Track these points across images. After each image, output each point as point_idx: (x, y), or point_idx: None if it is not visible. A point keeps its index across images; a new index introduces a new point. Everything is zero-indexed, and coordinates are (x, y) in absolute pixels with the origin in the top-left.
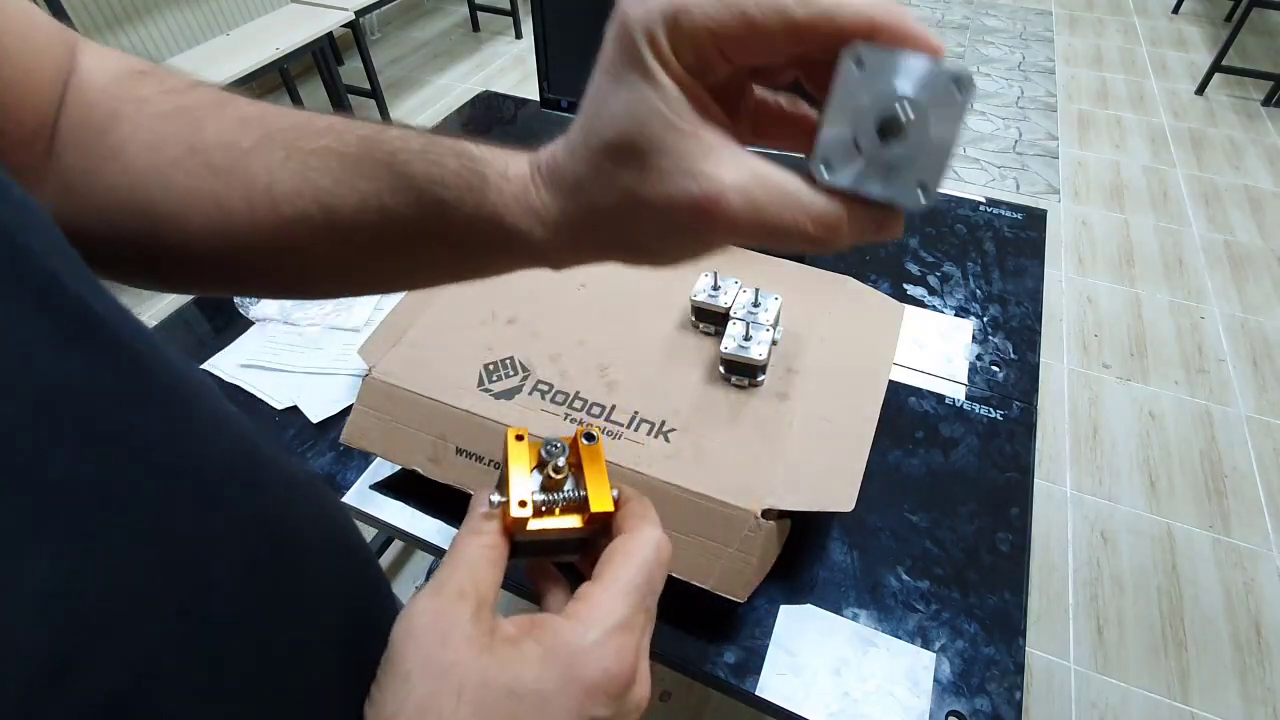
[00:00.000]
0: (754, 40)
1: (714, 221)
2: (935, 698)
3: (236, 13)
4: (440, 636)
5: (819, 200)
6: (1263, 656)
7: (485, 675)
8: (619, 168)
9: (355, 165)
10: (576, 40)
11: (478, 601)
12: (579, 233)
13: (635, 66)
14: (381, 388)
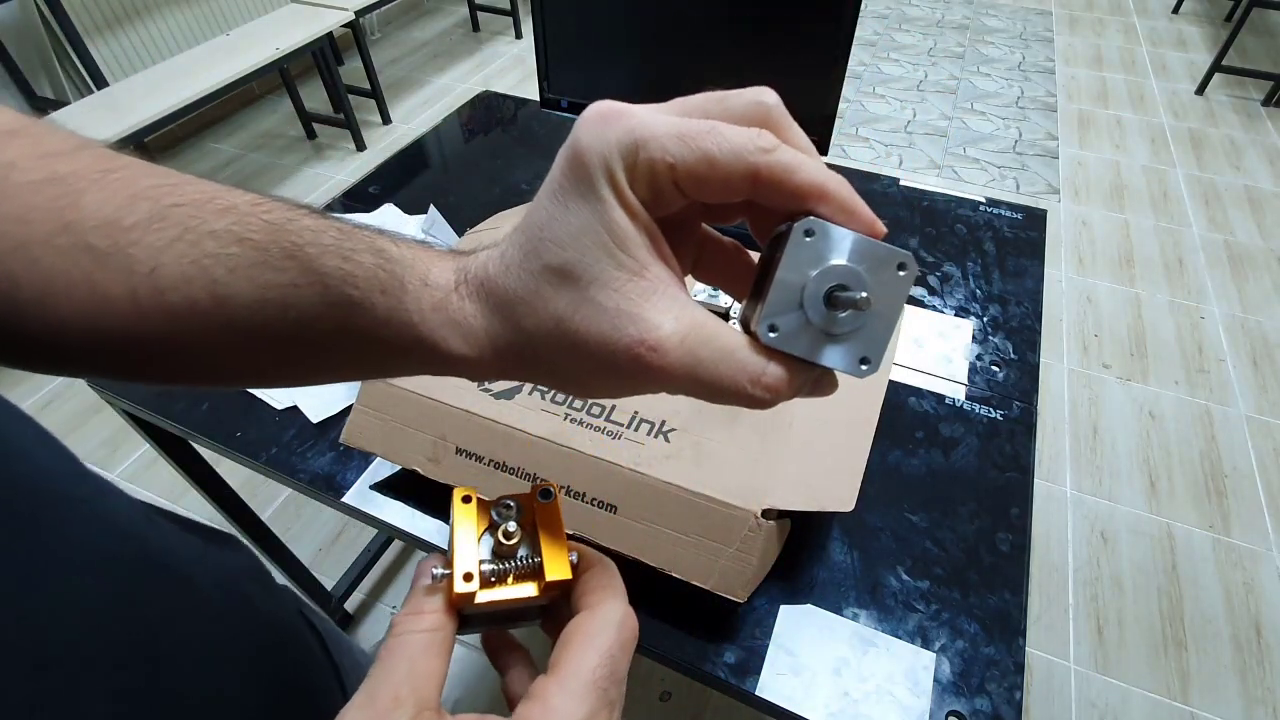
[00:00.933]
0: (712, 181)
1: (648, 370)
2: (935, 698)
3: (236, 13)
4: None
5: (759, 361)
6: (1263, 656)
7: None
8: (556, 293)
9: (257, 253)
10: (576, 40)
11: (416, 707)
12: (502, 353)
13: (588, 195)
14: (381, 388)
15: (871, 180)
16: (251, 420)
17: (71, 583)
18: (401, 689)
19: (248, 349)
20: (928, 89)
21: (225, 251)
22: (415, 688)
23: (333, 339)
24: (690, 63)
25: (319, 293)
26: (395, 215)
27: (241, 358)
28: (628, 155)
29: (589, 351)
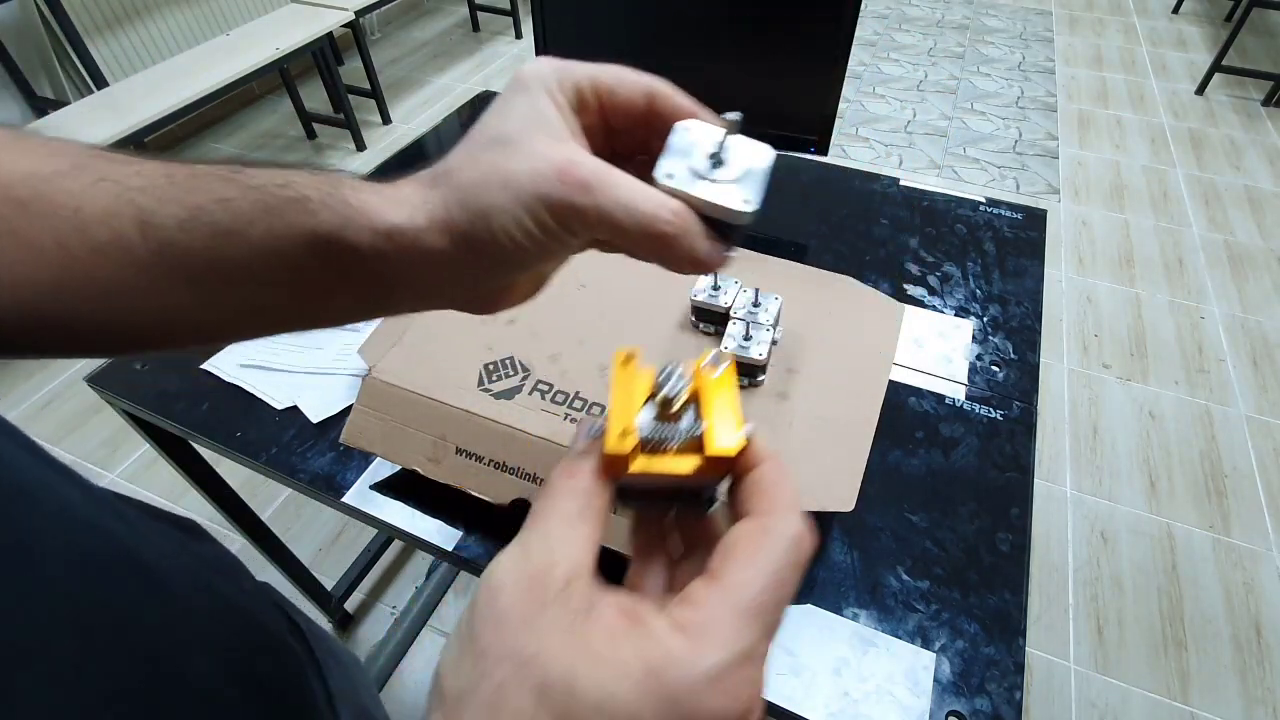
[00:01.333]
0: (619, 92)
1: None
2: (935, 698)
3: (236, 13)
4: (524, 616)
5: (664, 196)
6: (1263, 656)
7: (573, 680)
8: (494, 151)
9: (185, 181)
10: (576, 40)
11: (570, 571)
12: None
13: (525, 94)
14: (381, 388)
15: (871, 180)
16: (251, 420)
17: (36, 574)
18: (556, 547)
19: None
20: (928, 89)
21: (152, 185)
22: (569, 552)
23: (266, 244)
24: (690, 63)
25: (252, 200)
26: None
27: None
28: (558, 73)
29: (520, 185)
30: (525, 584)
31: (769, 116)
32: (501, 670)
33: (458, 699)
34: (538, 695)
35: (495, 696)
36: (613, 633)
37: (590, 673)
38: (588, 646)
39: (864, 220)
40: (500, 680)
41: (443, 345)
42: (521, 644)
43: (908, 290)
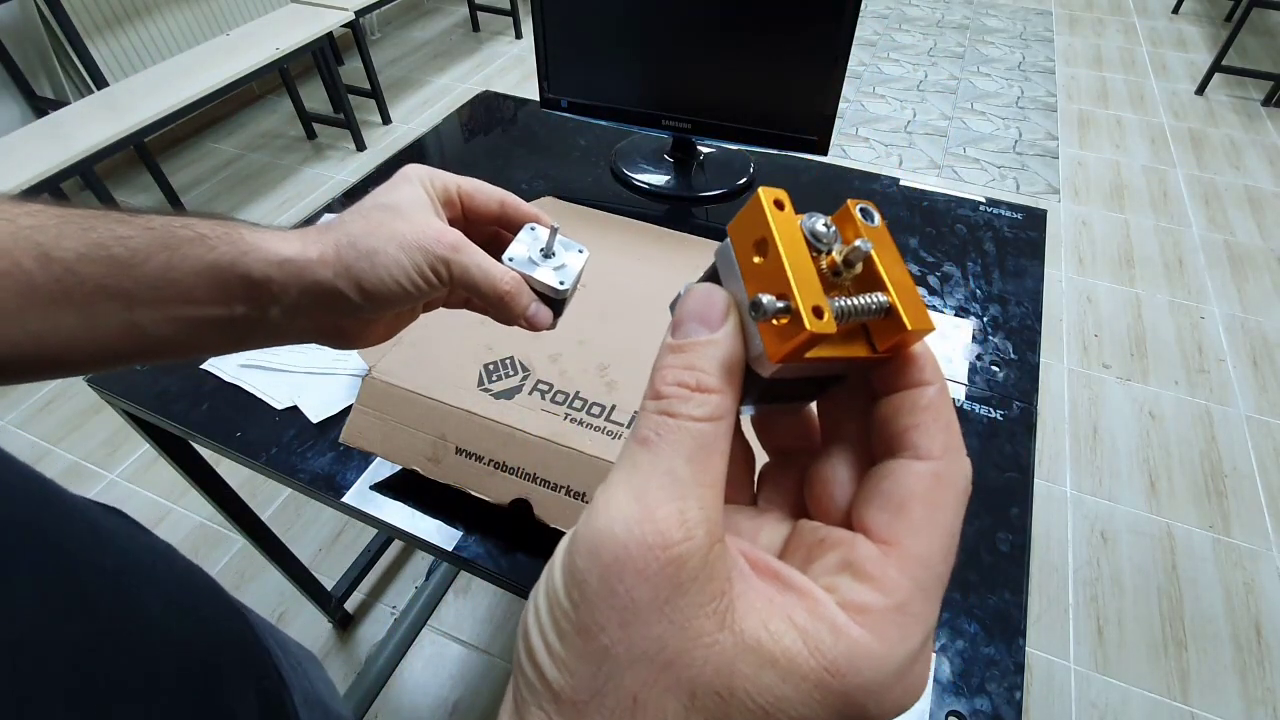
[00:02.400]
0: (478, 198)
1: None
2: (935, 698)
3: (236, 13)
4: (656, 603)
5: (507, 270)
6: (1263, 656)
7: (731, 682)
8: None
9: (80, 220)
10: (576, 40)
11: (710, 536)
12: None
13: (406, 182)
14: (381, 387)
15: (871, 180)
16: (251, 420)
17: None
18: (690, 508)
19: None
20: (928, 89)
21: (45, 224)
22: (707, 507)
23: (161, 275)
24: (690, 62)
25: (150, 238)
26: None
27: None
28: (432, 176)
29: (405, 238)
30: (656, 560)
31: (769, 116)
32: (636, 675)
33: (577, 707)
34: (687, 702)
35: (632, 705)
36: (766, 611)
37: (753, 673)
38: (743, 636)
39: None
40: (636, 687)
41: (443, 345)
42: (659, 640)
43: None
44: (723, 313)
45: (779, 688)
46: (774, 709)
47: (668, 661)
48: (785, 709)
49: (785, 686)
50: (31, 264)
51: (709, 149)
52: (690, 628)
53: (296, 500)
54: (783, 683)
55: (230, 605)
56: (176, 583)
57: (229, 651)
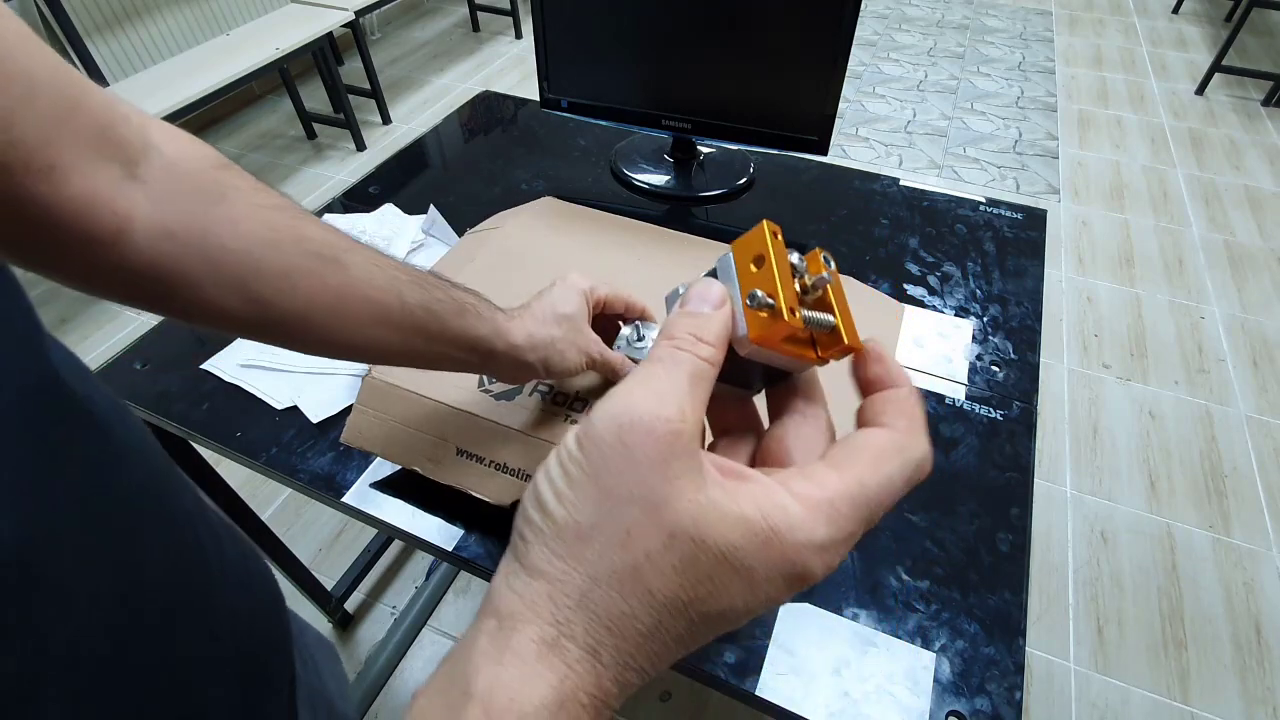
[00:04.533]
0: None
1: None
2: (935, 698)
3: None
4: (654, 461)
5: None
6: (1263, 656)
7: (701, 529)
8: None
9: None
10: (576, 40)
11: (695, 432)
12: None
13: (574, 290)
14: (381, 388)
15: (871, 180)
16: (251, 420)
17: None
18: (688, 407)
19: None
20: (928, 89)
21: (404, 277)
22: (694, 411)
23: (453, 332)
24: (690, 62)
25: (451, 305)
26: (395, 215)
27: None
28: (592, 287)
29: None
30: (661, 429)
31: (769, 116)
32: (630, 511)
33: (579, 534)
34: (666, 539)
35: (625, 537)
36: (730, 488)
37: (716, 524)
38: (712, 499)
39: (864, 220)
40: (630, 521)
41: None
42: (652, 487)
43: (908, 290)
44: (721, 299)
45: (736, 539)
46: (730, 554)
47: (656, 505)
48: (739, 556)
49: (741, 539)
50: (394, 303)
51: (709, 149)
52: (677, 484)
53: (296, 500)
54: (739, 536)
55: (281, 602)
56: (242, 562)
57: (271, 647)
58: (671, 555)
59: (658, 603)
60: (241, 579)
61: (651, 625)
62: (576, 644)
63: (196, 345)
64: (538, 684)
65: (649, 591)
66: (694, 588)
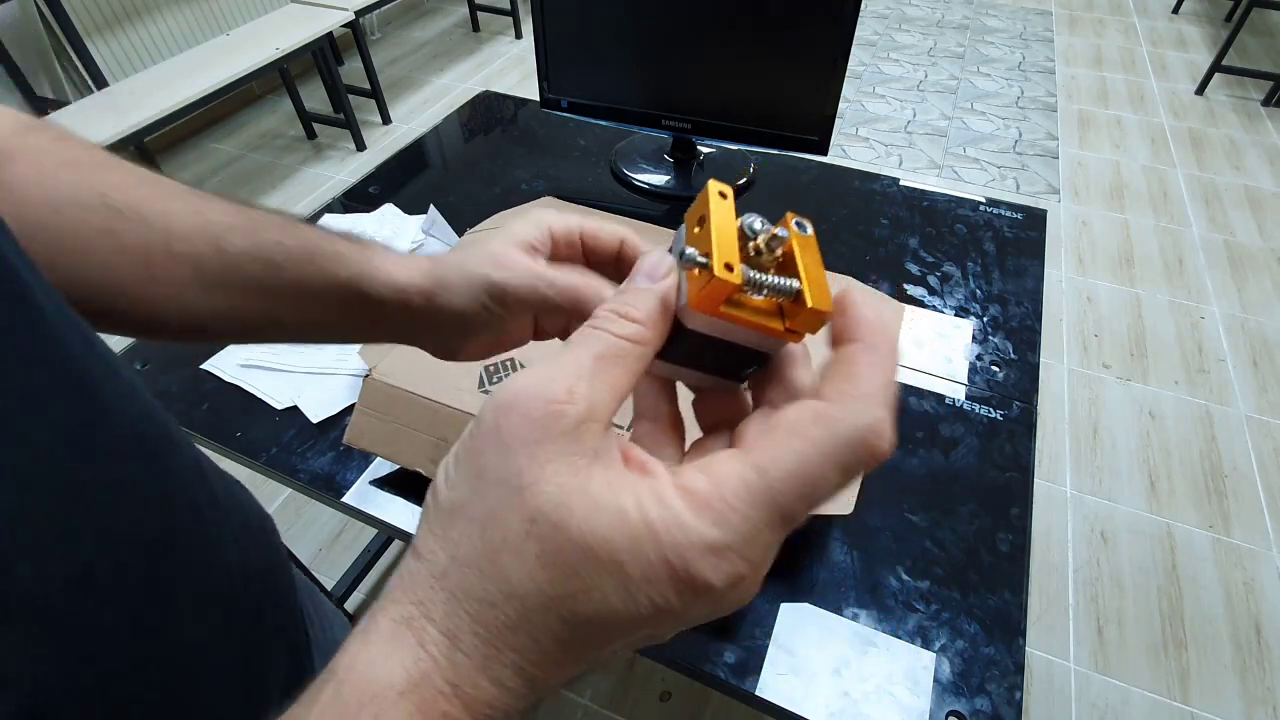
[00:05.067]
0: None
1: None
2: (935, 698)
3: (236, 13)
4: (527, 442)
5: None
6: (1263, 656)
7: (566, 516)
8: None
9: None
10: (576, 40)
11: (587, 414)
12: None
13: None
14: (382, 389)
15: (871, 180)
16: (251, 420)
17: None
18: (579, 387)
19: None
20: (928, 89)
21: (228, 220)
22: (593, 394)
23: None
24: (690, 62)
25: (298, 248)
26: (395, 215)
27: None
28: (556, 213)
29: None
30: (538, 410)
31: (769, 116)
32: (496, 493)
33: (449, 513)
34: (528, 525)
35: (486, 519)
36: (617, 480)
37: (585, 513)
38: (587, 487)
39: (864, 220)
40: (494, 503)
41: None
42: (520, 469)
43: (908, 290)
44: (666, 271)
45: (605, 530)
46: (598, 548)
47: (522, 487)
48: (607, 550)
49: (609, 531)
50: (208, 251)
51: (709, 149)
52: (548, 467)
53: (296, 500)
54: (608, 528)
55: (282, 559)
56: (244, 524)
57: (272, 601)
58: (533, 543)
59: (518, 593)
60: (231, 520)
61: (516, 617)
62: (435, 626)
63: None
64: (392, 663)
65: (507, 578)
66: (561, 582)
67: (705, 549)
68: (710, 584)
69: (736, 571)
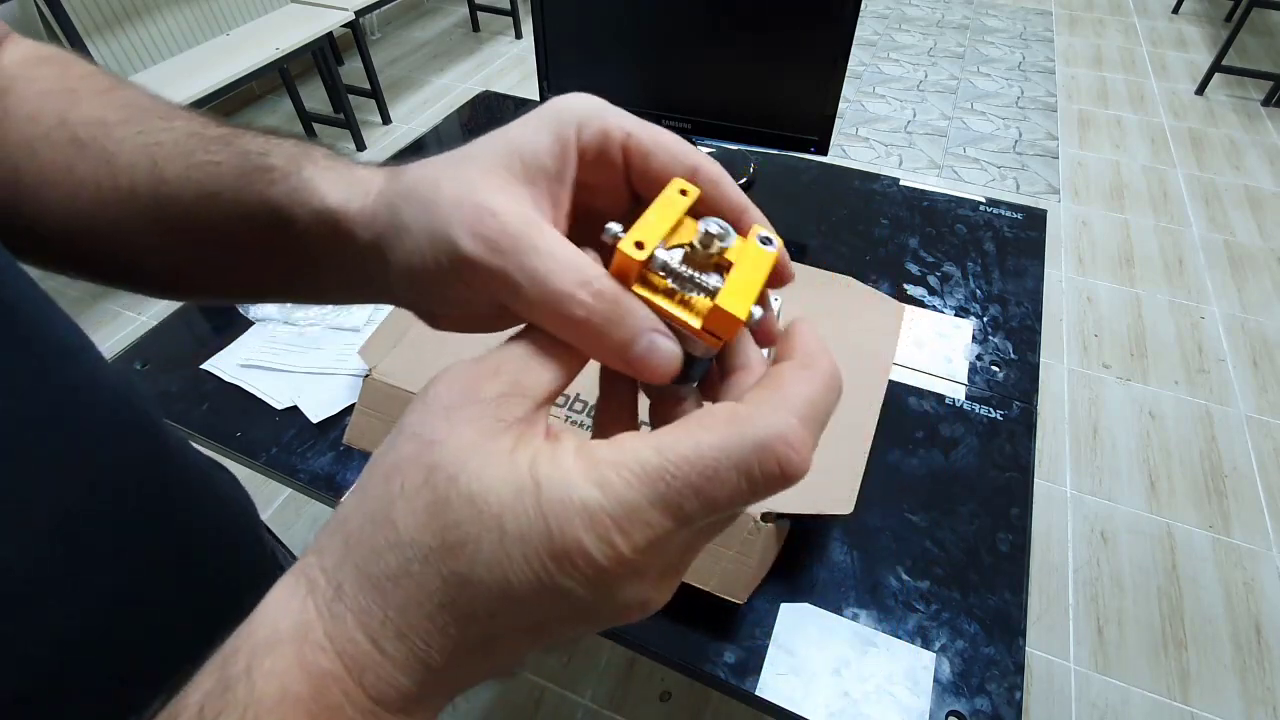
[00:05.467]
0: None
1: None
2: (935, 698)
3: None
4: (446, 406)
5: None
6: (1263, 656)
7: (460, 468)
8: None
9: (195, 140)
10: (576, 40)
11: (508, 388)
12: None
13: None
14: (382, 389)
15: (871, 180)
16: (251, 420)
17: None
18: (507, 365)
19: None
20: (928, 89)
21: (172, 140)
22: (521, 373)
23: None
24: (690, 62)
25: (233, 165)
26: None
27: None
28: (590, 114)
29: (435, 211)
30: (461, 381)
31: (769, 116)
32: (406, 446)
33: (369, 466)
34: (425, 474)
35: (391, 468)
36: (520, 441)
37: (477, 467)
38: (487, 446)
39: (864, 220)
40: (402, 454)
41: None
42: (432, 427)
43: (908, 290)
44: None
45: (492, 481)
46: (479, 497)
47: (427, 443)
48: (488, 500)
49: (496, 482)
50: (145, 182)
51: (709, 149)
52: (458, 429)
53: (296, 500)
54: (495, 479)
55: (269, 554)
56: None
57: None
58: (426, 492)
59: (402, 540)
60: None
61: (396, 567)
62: (325, 575)
63: (197, 345)
64: (283, 611)
65: (395, 526)
66: (442, 532)
67: (581, 509)
68: (586, 551)
69: (615, 547)
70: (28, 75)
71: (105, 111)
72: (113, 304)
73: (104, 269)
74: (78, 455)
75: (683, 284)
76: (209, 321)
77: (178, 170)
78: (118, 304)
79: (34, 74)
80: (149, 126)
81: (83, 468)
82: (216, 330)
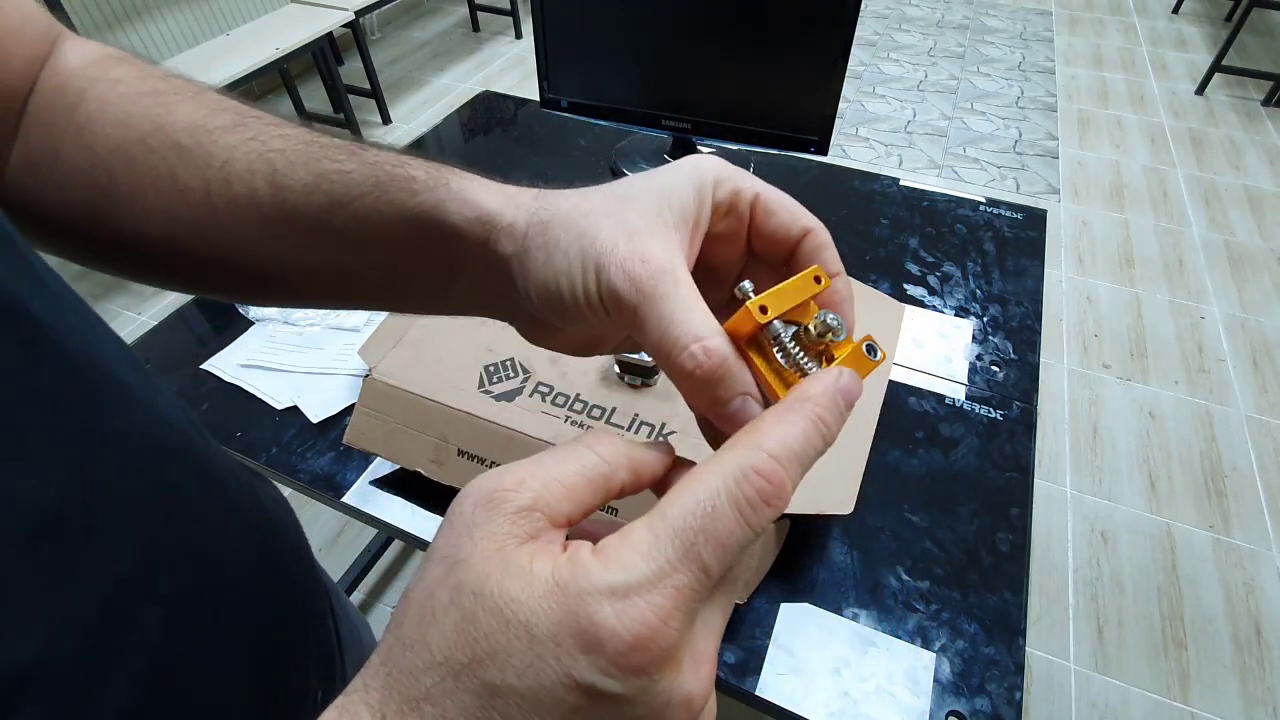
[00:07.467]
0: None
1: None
2: (935, 698)
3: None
4: (468, 524)
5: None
6: (1263, 656)
7: (483, 583)
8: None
9: (318, 148)
10: (576, 40)
11: (531, 503)
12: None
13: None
14: (382, 389)
15: (871, 180)
16: (251, 420)
17: (121, 458)
18: (532, 481)
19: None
20: (928, 89)
21: (290, 148)
22: (545, 489)
23: (367, 215)
24: (690, 63)
25: (366, 174)
26: None
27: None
28: (724, 175)
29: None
30: (484, 495)
31: (769, 116)
32: (435, 570)
33: (404, 595)
34: (452, 595)
35: (424, 593)
36: (538, 554)
37: (500, 579)
38: (508, 558)
39: (864, 220)
40: (432, 577)
41: (443, 346)
42: (456, 546)
43: (908, 290)
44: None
45: (515, 590)
46: (506, 607)
47: (453, 563)
48: (515, 609)
49: (520, 590)
50: (265, 190)
51: (709, 149)
52: (481, 544)
53: (296, 500)
54: (519, 588)
55: (311, 567)
56: (266, 536)
57: (302, 613)
58: (454, 611)
59: (436, 660)
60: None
61: (433, 686)
62: (371, 711)
63: (197, 345)
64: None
65: (429, 648)
66: (471, 646)
67: (606, 592)
68: (615, 632)
69: (644, 621)
70: (106, 77)
71: (203, 116)
72: (113, 304)
73: (204, 276)
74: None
75: (787, 358)
76: (209, 321)
77: (301, 177)
78: (118, 304)
79: (112, 75)
80: (261, 133)
81: None
82: (216, 330)
